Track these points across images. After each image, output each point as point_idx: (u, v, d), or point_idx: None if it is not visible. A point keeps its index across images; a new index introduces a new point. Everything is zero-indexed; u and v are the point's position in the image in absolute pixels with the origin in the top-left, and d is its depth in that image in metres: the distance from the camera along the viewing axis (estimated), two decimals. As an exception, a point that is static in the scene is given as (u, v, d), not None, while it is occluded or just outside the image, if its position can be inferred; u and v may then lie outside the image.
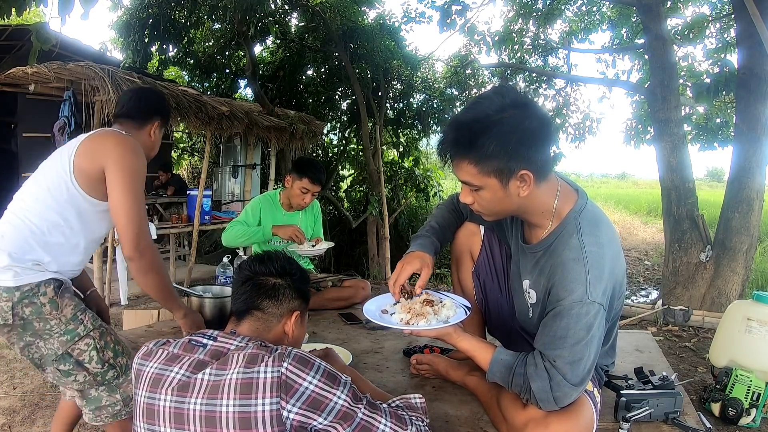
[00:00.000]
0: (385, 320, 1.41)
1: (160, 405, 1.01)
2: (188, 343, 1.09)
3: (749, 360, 2.14)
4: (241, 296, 1.18)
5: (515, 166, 1.17)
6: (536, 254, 1.35)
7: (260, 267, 1.20)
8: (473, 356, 1.35)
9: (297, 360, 0.99)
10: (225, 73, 8.45)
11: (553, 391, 1.18)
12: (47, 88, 4.65)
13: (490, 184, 1.21)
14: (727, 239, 3.91)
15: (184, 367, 1.03)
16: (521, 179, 1.19)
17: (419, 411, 1.18)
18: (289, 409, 0.96)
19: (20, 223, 1.46)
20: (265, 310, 1.17)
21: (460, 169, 1.23)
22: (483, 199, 1.25)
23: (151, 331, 2.17)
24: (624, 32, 7.57)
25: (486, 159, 1.17)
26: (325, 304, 2.64)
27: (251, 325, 1.17)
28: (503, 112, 1.16)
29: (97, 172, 1.49)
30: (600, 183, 35.01)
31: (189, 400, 0.99)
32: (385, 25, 7.44)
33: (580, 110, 8.25)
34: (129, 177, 1.48)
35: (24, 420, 2.36)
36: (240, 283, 1.20)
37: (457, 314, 1.40)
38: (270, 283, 1.19)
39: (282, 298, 1.19)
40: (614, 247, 1.27)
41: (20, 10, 2.35)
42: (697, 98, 4.21)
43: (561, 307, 1.19)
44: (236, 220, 2.82)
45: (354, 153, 9.30)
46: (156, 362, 1.06)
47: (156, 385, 1.03)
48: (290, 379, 0.97)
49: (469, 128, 1.18)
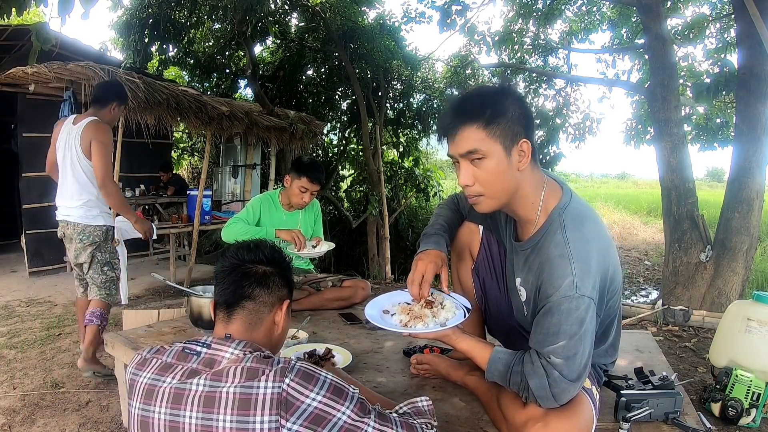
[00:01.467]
0: (382, 322, 1.41)
1: (155, 417, 0.98)
2: (182, 352, 1.06)
3: (749, 360, 2.14)
4: (229, 286, 1.12)
5: (517, 134, 1.25)
6: (525, 252, 1.37)
7: (248, 255, 1.16)
8: (472, 356, 1.36)
9: (301, 376, 0.95)
10: (225, 73, 8.46)
11: (550, 387, 1.19)
12: (47, 88, 4.65)
13: (496, 151, 1.24)
14: (727, 239, 3.91)
15: (177, 377, 1.00)
16: (521, 150, 1.26)
17: (427, 415, 1.17)
18: (289, 427, 0.92)
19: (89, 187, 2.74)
20: (256, 299, 1.12)
21: (466, 138, 1.26)
22: (486, 173, 1.26)
23: (151, 331, 2.17)
24: (624, 32, 7.57)
25: (494, 121, 1.23)
26: (325, 304, 2.64)
27: (243, 318, 1.12)
28: (504, 91, 1.29)
29: (88, 147, 2.65)
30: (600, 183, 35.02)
31: (184, 413, 0.96)
32: (385, 25, 7.44)
33: (580, 110, 8.26)
34: (102, 147, 2.64)
35: (24, 420, 2.36)
36: (227, 271, 1.14)
37: (456, 316, 1.40)
38: (260, 271, 1.14)
39: (272, 286, 1.14)
40: (601, 241, 1.27)
41: (20, 10, 2.36)
42: (697, 98, 4.21)
43: (550, 304, 1.20)
44: (237, 217, 2.81)
45: (354, 153, 9.31)
46: (149, 372, 1.03)
47: (149, 397, 1.00)
48: (291, 396, 0.93)
49: (476, 97, 1.29)
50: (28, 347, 3.31)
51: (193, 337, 1.10)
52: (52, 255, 5.48)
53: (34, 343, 3.39)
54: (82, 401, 2.54)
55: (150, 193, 6.26)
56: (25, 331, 3.62)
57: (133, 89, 4.00)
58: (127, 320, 2.61)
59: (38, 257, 5.40)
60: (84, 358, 2.67)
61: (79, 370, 2.72)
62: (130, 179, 6.11)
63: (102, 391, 2.65)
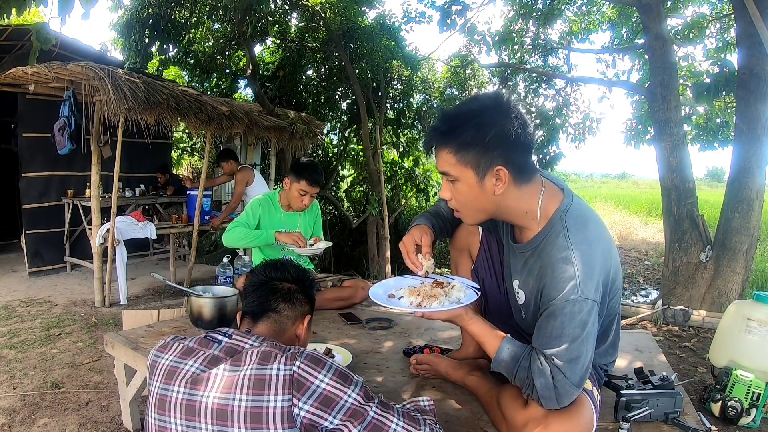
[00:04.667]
0: (394, 304, 1.38)
1: (173, 396, 1.04)
2: (204, 339, 1.13)
3: (749, 360, 2.15)
4: (256, 299, 1.24)
5: (491, 161, 1.21)
6: (525, 254, 1.36)
7: (275, 273, 1.28)
8: (481, 341, 1.35)
9: (309, 359, 1.02)
10: (225, 73, 8.46)
11: (555, 389, 1.19)
12: (47, 88, 4.64)
13: (467, 177, 1.24)
14: (727, 239, 3.91)
15: (199, 360, 1.06)
16: (497, 176, 1.23)
17: (429, 413, 1.19)
18: (300, 406, 0.98)
19: None
20: (281, 312, 1.24)
21: (441, 159, 1.27)
22: (460, 194, 1.28)
23: (151, 331, 2.17)
24: (624, 32, 7.57)
25: (464, 148, 1.22)
26: (325, 304, 2.64)
27: (267, 327, 1.22)
28: (486, 110, 1.22)
29: None
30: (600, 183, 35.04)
31: (202, 393, 1.01)
32: (385, 25, 7.43)
33: (580, 110, 8.26)
34: None
35: (24, 420, 2.36)
36: (255, 286, 1.26)
37: (468, 295, 1.37)
38: (285, 288, 1.26)
39: (296, 302, 1.26)
40: (604, 243, 1.27)
41: (20, 10, 2.36)
42: (697, 98, 4.21)
43: (554, 307, 1.20)
44: (237, 221, 2.81)
45: (354, 153, 9.30)
46: (171, 355, 1.10)
47: (170, 377, 1.06)
48: (302, 377, 1.00)
49: (453, 118, 1.25)
50: (28, 347, 3.31)
51: (194, 336, 1.15)
52: (52, 255, 5.48)
53: (34, 343, 3.39)
54: (82, 401, 2.54)
55: (150, 193, 6.26)
56: (25, 331, 3.62)
57: (133, 89, 3.99)
58: (127, 320, 2.61)
59: (38, 257, 5.39)
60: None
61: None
62: (130, 179, 6.11)
63: (102, 391, 2.65)
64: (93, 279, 4.45)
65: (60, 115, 4.60)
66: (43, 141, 5.09)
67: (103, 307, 4.32)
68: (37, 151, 5.31)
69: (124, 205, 5.49)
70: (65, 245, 5.53)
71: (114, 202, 4.39)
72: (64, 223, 5.46)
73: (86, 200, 4.96)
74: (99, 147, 4.44)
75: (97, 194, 4.46)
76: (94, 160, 4.40)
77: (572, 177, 33.98)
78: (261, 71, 8.01)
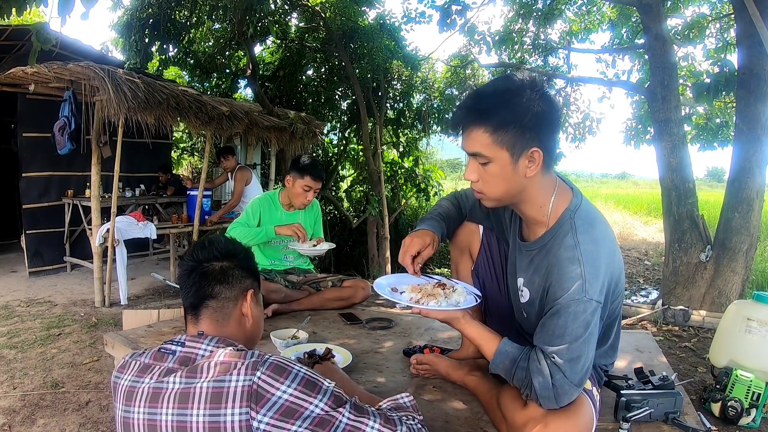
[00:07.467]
0: (395, 296, 1.39)
1: (135, 418, 1.00)
2: (158, 352, 1.07)
3: (749, 360, 2.15)
4: (190, 288, 1.13)
5: (528, 142, 1.20)
6: (531, 252, 1.36)
7: (203, 253, 1.16)
8: (478, 344, 1.35)
9: (272, 369, 0.96)
10: (225, 73, 8.45)
11: (554, 388, 1.19)
12: (47, 88, 4.65)
13: (501, 157, 1.22)
14: (727, 239, 3.91)
15: (155, 377, 1.01)
16: (530, 158, 1.21)
17: (409, 409, 1.17)
18: (259, 419, 0.93)
19: None
20: (218, 296, 1.13)
21: (473, 139, 1.23)
22: (490, 175, 1.25)
23: (151, 331, 2.17)
24: (624, 32, 7.57)
25: (502, 128, 1.19)
26: (325, 304, 2.64)
27: (210, 317, 1.13)
28: (524, 90, 1.20)
29: None
30: (600, 183, 35.05)
31: (160, 410, 0.97)
32: (385, 25, 7.43)
33: (580, 110, 8.26)
34: None
35: (24, 420, 2.36)
36: (186, 274, 1.14)
37: (467, 300, 1.39)
38: (217, 268, 1.14)
39: (232, 280, 1.15)
40: (609, 244, 1.27)
41: (20, 10, 2.36)
42: (697, 98, 4.21)
43: (558, 306, 1.20)
44: (238, 222, 2.82)
45: (354, 153, 9.30)
46: (129, 374, 1.05)
47: (130, 399, 1.02)
48: (262, 388, 0.93)
49: (489, 97, 1.22)
50: (28, 347, 3.31)
51: (150, 350, 1.12)
52: (52, 255, 5.48)
53: (34, 343, 3.39)
54: (82, 401, 2.54)
55: (150, 193, 6.26)
56: (25, 331, 3.62)
57: (133, 89, 3.99)
58: (127, 320, 2.61)
59: (38, 257, 5.40)
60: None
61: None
62: (130, 179, 6.11)
63: (102, 391, 2.65)
64: (93, 279, 4.45)
65: (60, 115, 4.60)
66: (43, 141, 5.09)
67: (103, 307, 4.32)
68: (37, 151, 5.31)
69: (124, 205, 5.49)
70: (65, 245, 5.53)
71: (114, 202, 4.39)
72: (64, 223, 5.47)
73: (86, 200, 4.96)
74: (99, 147, 4.44)
75: (97, 194, 4.47)
76: (94, 160, 4.40)
77: (572, 177, 33.92)
78: (261, 71, 8.01)
